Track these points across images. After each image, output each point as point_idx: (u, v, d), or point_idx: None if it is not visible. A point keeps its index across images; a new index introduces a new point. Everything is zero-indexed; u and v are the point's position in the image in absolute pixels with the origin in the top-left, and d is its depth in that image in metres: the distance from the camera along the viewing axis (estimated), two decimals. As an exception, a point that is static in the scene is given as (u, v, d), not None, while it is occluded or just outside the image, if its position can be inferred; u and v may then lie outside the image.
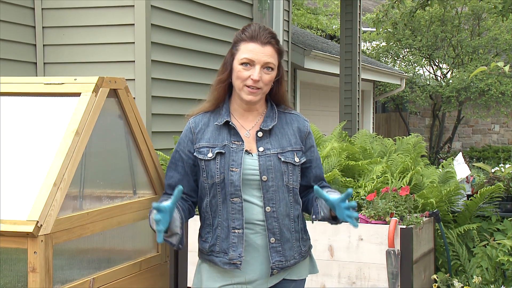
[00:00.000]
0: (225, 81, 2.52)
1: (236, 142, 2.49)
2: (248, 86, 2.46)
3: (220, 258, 2.49)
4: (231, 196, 2.46)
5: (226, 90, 2.55)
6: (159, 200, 2.54)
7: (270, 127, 2.53)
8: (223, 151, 2.47)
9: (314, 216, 2.54)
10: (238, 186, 2.45)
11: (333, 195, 2.40)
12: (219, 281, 2.52)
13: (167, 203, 2.26)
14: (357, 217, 2.33)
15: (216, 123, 2.52)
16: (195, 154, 2.50)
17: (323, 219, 2.51)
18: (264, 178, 2.47)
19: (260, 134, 2.52)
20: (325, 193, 2.36)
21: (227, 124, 2.52)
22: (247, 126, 2.55)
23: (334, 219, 2.48)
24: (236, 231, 2.47)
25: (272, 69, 2.49)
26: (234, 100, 2.56)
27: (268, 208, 2.48)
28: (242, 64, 2.46)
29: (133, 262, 2.51)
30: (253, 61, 2.45)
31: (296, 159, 2.53)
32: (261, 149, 2.50)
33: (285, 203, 2.50)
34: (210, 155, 2.48)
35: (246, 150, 2.49)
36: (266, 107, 2.59)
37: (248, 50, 2.46)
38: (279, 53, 2.52)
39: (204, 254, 2.55)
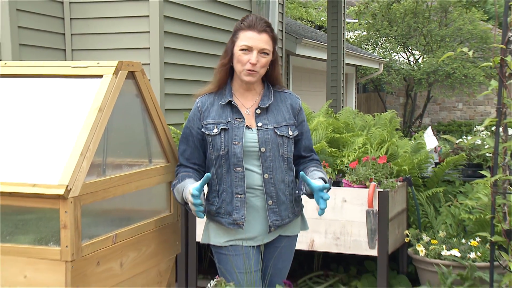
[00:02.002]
0: (227, 65, 2.51)
1: (238, 119, 2.48)
2: (248, 69, 2.45)
3: (225, 219, 2.49)
4: (234, 166, 2.46)
5: (228, 73, 2.54)
6: (177, 172, 2.54)
7: (267, 105, 2.52)
8: (226, 127, 2.47)
9: (297, 192, 2.56)
10: (240, 158, 2.45)
11: (316, 182, 2.42)
12: (224, 237, 2.53)
13: (196, 186, 2.31)
14: (323, 208, 2.37)
15: (220, 102, 2.51)
16: (202, 130, 2.50)
17: (303, 194, 2.52)
18: (263, 149, 2.47)
19: (258, 111, 2.51)
20: (308, 180, 2.38)
21: (230, 103, 2.50)
22: (247, 104, 2.54)
23: (311, 195, 2.49)
24: (239, 196, 2.47)
25: (268, 53, 2.48)
26: (235, 81, 2.55)
27: (266, 175, 2.48)
28: (241, 50, 2.45)
29: (149, 221, 2.51)
30: (251, 47, 2.44)
31: (290, 133, 2.53)
32: (259, 124, 2.49)
33: (280, 171, 2.50)
34: (215, 130, 2.47)
35: (246, 126, 2.49)
36: (263, 88, 2.58)
37: (247, 37, 2.44)
38: (274, 39, 2.50)
39: (211, 215, 2.55)
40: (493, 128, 3.05)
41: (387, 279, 4.00)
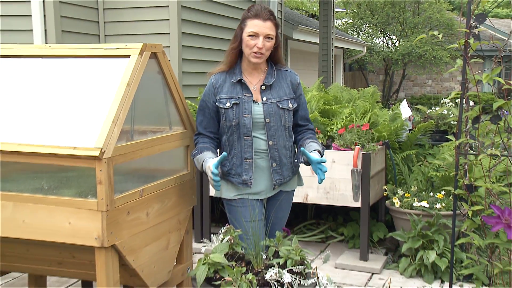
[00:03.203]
0: (236, 49, 2.47)
1: (247, 95, 2.45)
2: (255, 52, 2.40)
3: (236, 179, 2.48)
4: (244, 135, 2.43)
5: (237, 55, 2.50)
6: (196, 141, 2.50)
7: (271, 82, 2.49)
8: (237, 102, 2.44)
9: (296, 160, 2.53)
10: (249, 128, 2.42)
11: (313, 154, 2.38)
12: (234, 192, 2.52)
13: (215, 163, 2.28)
14: (323, 179, 2.33)
15: (232, 80, 2.48)
16: (217, 103, 2.47)
17: (301, 163, 2.49)
18: (268, 120, 2.44)
19: (263, 87, 2.48)
20: (309, 154, 2.34)
21: (240, 81, 2.47)
22: (254, 81, 2.50)
23: (307, 164, 2.46)
24: (248, 160, 2.45)
25: (272, 38, 2.43)
26: (244, 62, 2.51)
27: (270, 142, 2.46)
28: (249, 36, 2.40)
29: (170, 178, 2.50)
30: (258, 33, 2.39)
31: (290, 105, 2.50)
32: (264, 99, 2.46)
33: (282, 138, 2.48)
34: (228, 104, 2.44)
35: (253, 100, 2.46)
36: (267, 67, 2.54)
37: (253, 25, 2.39)
38: (276, 26, 2.45)
39: (224, 174, 2.54)
40: (458, 100, 3.01)
41: (368, 226, 4.01)
